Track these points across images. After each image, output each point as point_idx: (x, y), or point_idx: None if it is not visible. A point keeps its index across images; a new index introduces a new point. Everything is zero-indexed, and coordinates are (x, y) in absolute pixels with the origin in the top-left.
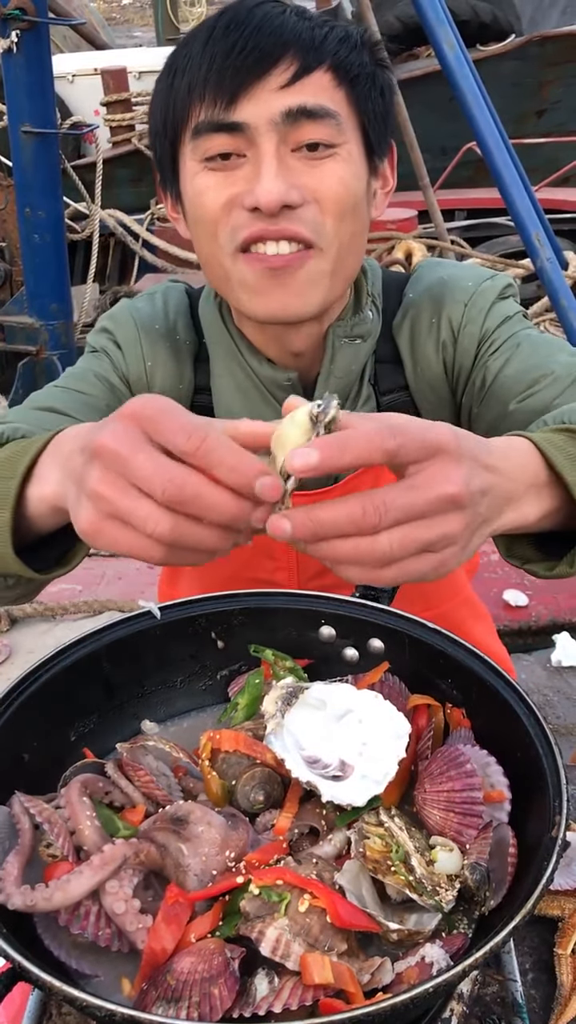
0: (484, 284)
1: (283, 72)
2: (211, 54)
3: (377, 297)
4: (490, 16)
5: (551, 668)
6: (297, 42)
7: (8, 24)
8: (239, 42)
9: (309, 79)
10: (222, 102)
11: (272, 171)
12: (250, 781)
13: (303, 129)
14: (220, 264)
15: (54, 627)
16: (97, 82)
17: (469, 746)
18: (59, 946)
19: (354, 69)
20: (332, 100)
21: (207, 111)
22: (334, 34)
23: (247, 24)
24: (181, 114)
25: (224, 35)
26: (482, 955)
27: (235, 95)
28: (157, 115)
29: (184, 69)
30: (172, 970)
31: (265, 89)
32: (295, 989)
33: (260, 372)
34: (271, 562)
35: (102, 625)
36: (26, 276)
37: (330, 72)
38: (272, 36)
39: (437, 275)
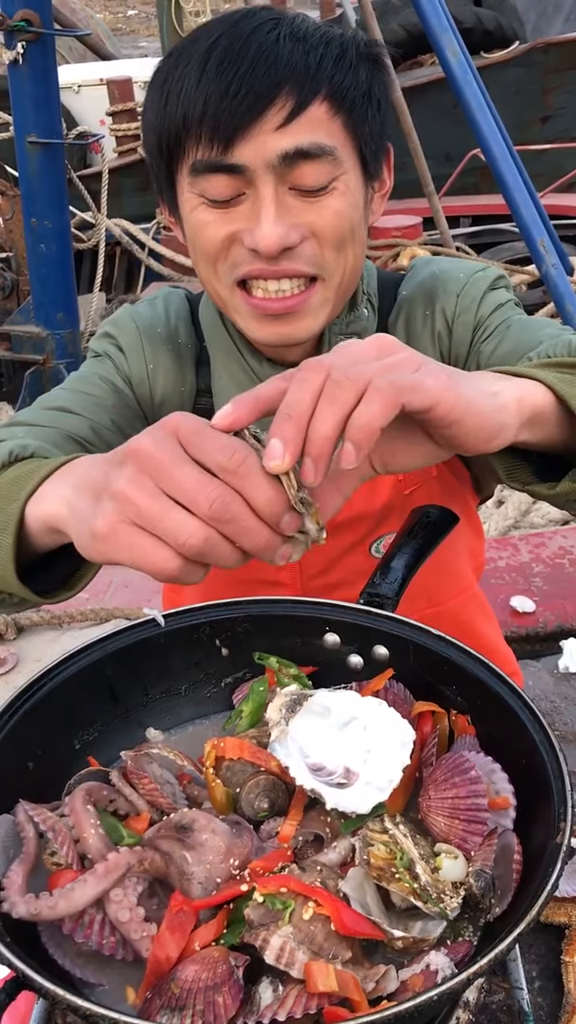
0: (476, 275)
1: (279, 111)
2: (205, 93)
3: (372, 296)
4: (494, 23)
5: (558, 674)
6: (292, 76)
7: (14, 36)
8: (234, 83)
9: (305, 115)
10: (219, 145)
11: (271, 215)
12: (254, 789)
13: (300, 170)
14: (218, 292)
15: (61, 635)
16: (103, 92)
17: (474, 753)
18: (63, 955)
19: (350, 93)
20: (328, 133)
21: (204, 151)
22: (330, 54)
23: (241, 60)
24: (175, 144)
25: (218, 72)
26: (487, 962)
27: (232, 139)
28: (151, 135)
29: (178, 95)
30: (176, 978)
31: (262, 131)
32: (299, 997)
33: (260, 372)
34: (273, 565)
35: (107, 633)
36: (32, 285)
37: (326, 102)
38: (267, 75)
39: (429, 270)
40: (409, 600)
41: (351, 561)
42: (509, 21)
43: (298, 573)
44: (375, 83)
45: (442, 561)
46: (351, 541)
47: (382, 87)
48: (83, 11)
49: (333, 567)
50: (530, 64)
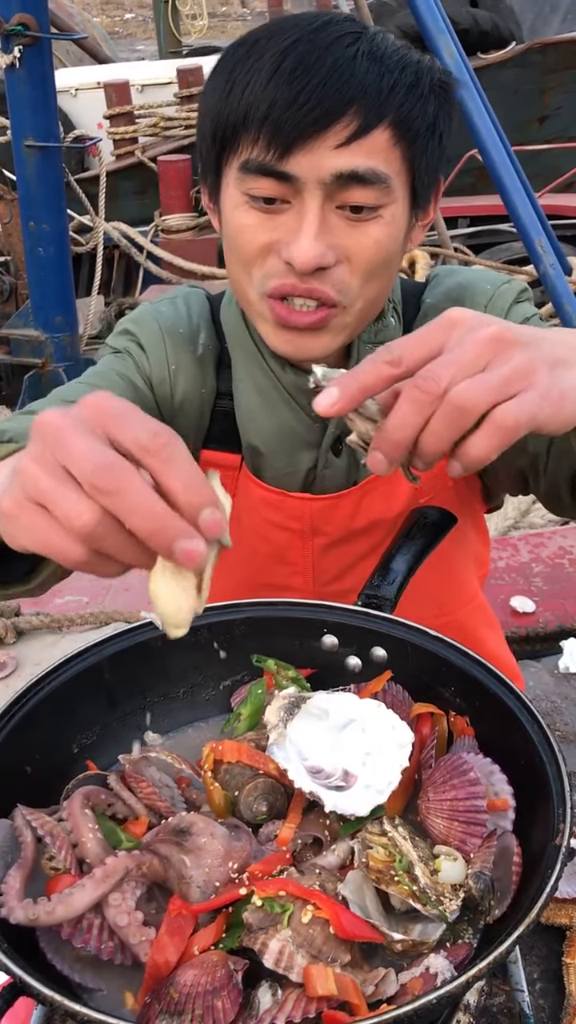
0: (502, 287)
1: (342, 130)
2: (273, 96)
3: (398, 304)
4: (490, 24)
5: (558, 674)
6: (362, 97)
7: (11, 39)
8: (303, 93)
9: (367, 138)
10: (276, 151)
11: (312, 232)
12: (253, 792)
13: (351, 192)
14: (246, 294)
15: (60, 639)
16: (100, 96)
17: (473, 754)
18: (62, 960)
19: (416, 125)
20: (386, 161)
21: (259, 152)
22: (404, 80)
23: (315, 71)
24: (231, 136)
25: (290, 78)
26: (487, 965)
27: (290, 148)
28: (207, 119)
29: (243, 89)
30: (175, 983)
31: (321, 146)
32: (298, 1001)
33: (282, 377)
34: (286, 567)
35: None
36: (31, 289)
37: (390, 129)
38: (338, 92)
39: (455, 280)
40: (417, 608)
41: (366, 567)
42: (506, 22)
43: (311, 579)
44: (441, 116)
45: (452, 570)
46: (367, 548)
47: (447, 121)
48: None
49: (347, 573)
50: (527, 64)
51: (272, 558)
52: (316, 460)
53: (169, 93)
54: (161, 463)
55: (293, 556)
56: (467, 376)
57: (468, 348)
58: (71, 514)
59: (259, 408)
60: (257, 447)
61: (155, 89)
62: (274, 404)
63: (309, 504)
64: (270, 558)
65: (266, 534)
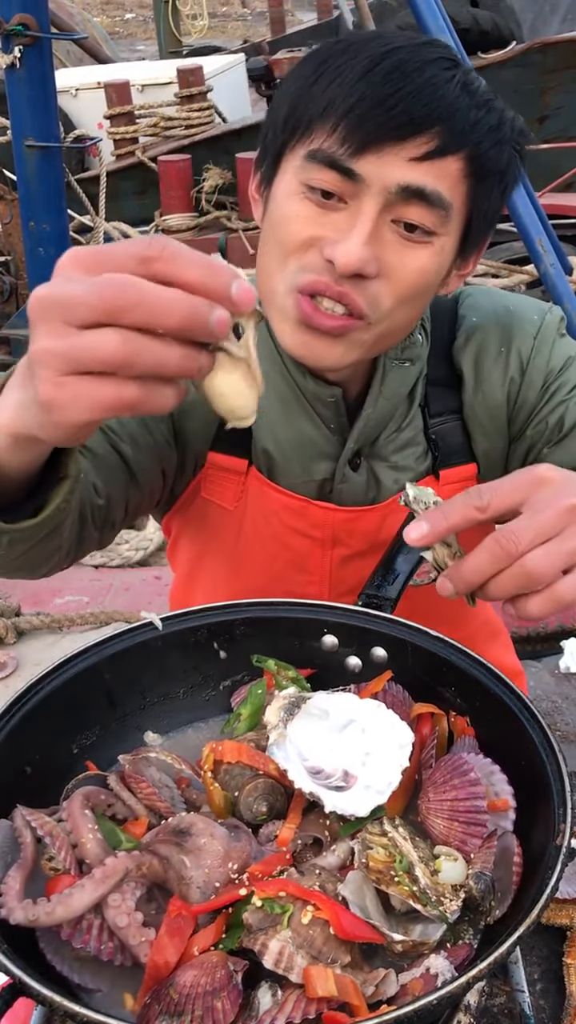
0: (547, 318)
1: (420, 146)
2: (362, 92)
3: (426, 320)
4: (490, 24)
5: (559, 674)
6: (448, 121)
7: (11, 39)
8: (392, 98)
9: (442, 162)
10: (350, 146)
11: (363, 237)
12: (253, 792)
13: (410, 208)
14: (274, 285)
15: (61, 639)
16: (100, 96)
17: (473, 754)
18: (61, 960)
19: (488, 165)
20: (452, 191)
21: (332, 144)
22: (488, 119)
23: (409, 81)
24: (306, 124)
25: (384, 80)
26: (487, 966)
27: (365, 147)
28: (284, 103)
29: (331, 79)
30: (175, 984)
31: (396, 155)
32: (298, 1002)
33: (304, 386)
34: (303, 575)
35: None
36: (31, 289)
37: (464, 162)
38: (426, 108)
39: (500, 303)
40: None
41: None
42: (506, 21)
43: (327, 588)
44: (512, 169)
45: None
46: None
47: (514, 177)
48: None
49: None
50: (527, 64)
51: (291, 565)
52: (333, 472)
53: (169, 93)
54: (167, 263)
55: (312, 565)
56: (543, 541)
57: (549, 515)
58: (101, 351)
59: (278, 415)
60: (272, 454)
61: (155, 89)
62: (293, 412)
63: (332, 514)
64: (289, 565)
65: (286, 540)
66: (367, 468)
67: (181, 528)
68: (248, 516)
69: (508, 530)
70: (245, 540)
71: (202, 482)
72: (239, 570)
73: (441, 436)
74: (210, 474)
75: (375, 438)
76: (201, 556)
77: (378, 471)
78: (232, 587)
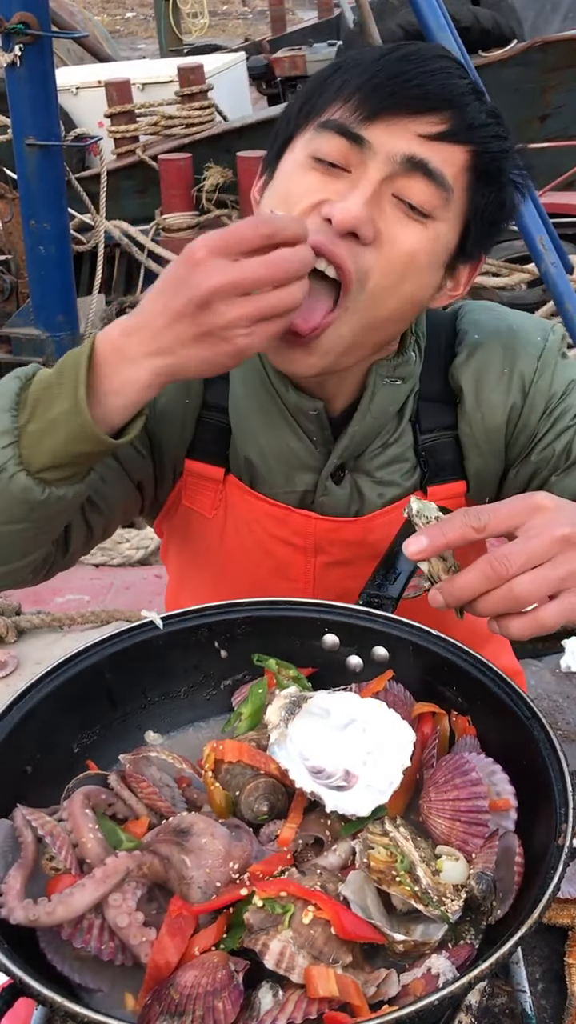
0: (550, 340)
1: (431, 124)
2: (377, 68)
3: (421, 336)
4: (491, 22)
5: (560, 674)
6: (460, 109)
7: (11, 38)
8: (408, 72)
9: (448, 147)
10: (362, 113)
11: (363, 197)
12: (254, 792)
13: (413, 182)
14: None
15: (62, 638)
16: (101, 94)
17: (474, 754)
18: (62, 960)
19: (491, 166)
20: (454, 178)
21: (343, 114)
22: (495, 129)
23: (425, 65)
24: (320, 107)
25: (399, 61)
26: (489, 966)
27: (377, 114)
28: (299, 99)
29: (350, 69)
30: (175, 984)
31: (406, 127)
32: (299, 1002)
33: (286, 398)
34: (288, 583)
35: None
36: (32, 288)
37: (469, 155)
38: (441, 88)
39: (502, 322)
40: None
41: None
42: (507, 20)
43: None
44: (510, 189)
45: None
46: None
47: (511, 200)
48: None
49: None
50: (528, 63)
51: (275, 573)
52: (315, 484)
53: (170, 91)
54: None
55: (295, 572)
56: (533, 566)
57: (541, 542)
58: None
59: (260, 426)
60: (255, 463)
61: (156, 87)
62: (276, 424)
63: (314, 523)
64: (273, 573)
65: (269, 548)
66: (351, 482)
67: (169, 534)
68: (230, 524)
69: (501, 553)
70: (228, 547)
71: (182, 489)
72: (223, 577)
73: (431, 452)
74: (189, 481)
75: (360, 453)
76: (187, 562)
77: (362, 485)
78: (218, 593)
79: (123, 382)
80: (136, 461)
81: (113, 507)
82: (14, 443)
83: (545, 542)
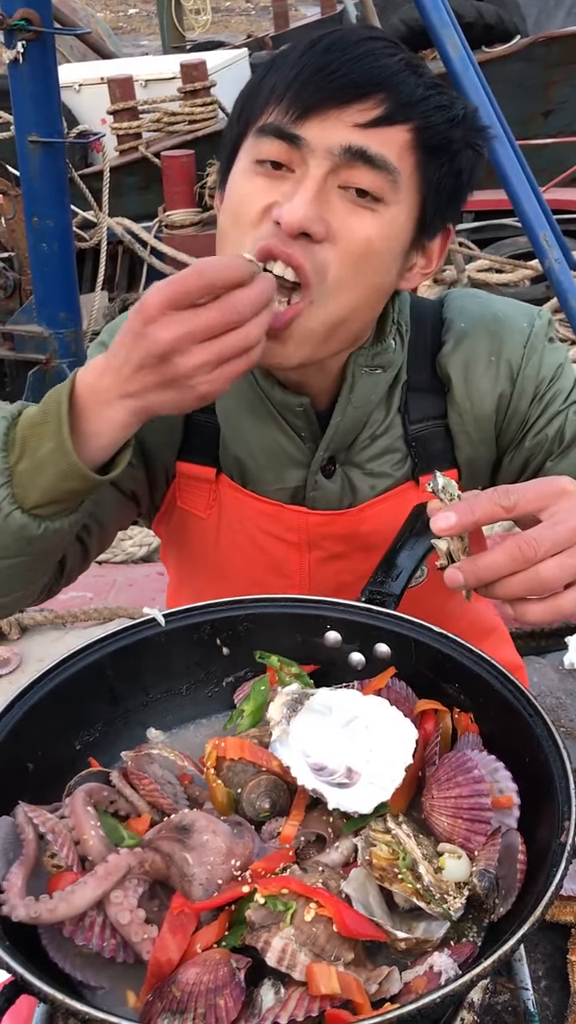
0: (536, 325)
1: (364, 111)
2: (303, 64)
3: (404, 325)
4: (495, 18)
5: (563, 671)
6: (392, 89)
7: (14, 35)
8: (333, 63)
9: (386, 130)
10: (294, 112)
11: (308, 196)
12: (256, 789)
13: (356, 171)
14: None
15: (64, 635)
16: (104, 91)
17: (477, 751)
18: (64, 957)
19: (437, 140)
20: (399, 159)
21: (278, 116)
22: (436, 99)
23: (349, 52)
24: (257, 111)
25: (324, 52)
26: (491, 964)
27: (308, 111)
28: (239, 103)
29: (278, 70)
30: (177, 981)
31: (339, 119)
32: (301, 999)
33: (272, 395)
34: (284, 580)
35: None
36: (35, 285)
37: (411, 133)
38: (369, 72)
39: (488, 310)
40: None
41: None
42: (510, 15)
43: (307, 591)
44: (466, 156)
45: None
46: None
47: (472, 168)
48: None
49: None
50: (532, 58)
51: (270, 569)
52: (305, 480)
53: (173, 88)
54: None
55: (290, 568)
56: (558, 551)
57: (569, 528)
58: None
59: (249, 424)
60: (245, 463)
61: (159, 84)
62: (263, 421)
63: (306, 517)
64: (268, 570)
65: (263, 545)
66: (342, 475)
67: (167, 535)
68: (224, 523)
69: (530, 536)
70: (223, 546)
71: (176, 491)
72: (220, 576)
73: (422, 442)
74: (182, 483)
75: (349, 445)
76: (185, 562)
77: (353, 478)
78: (215, 592)
79: (102, 422)
80: (126, 472)
81: (106, 523)
82: (7, 483)
83: (571, 528)
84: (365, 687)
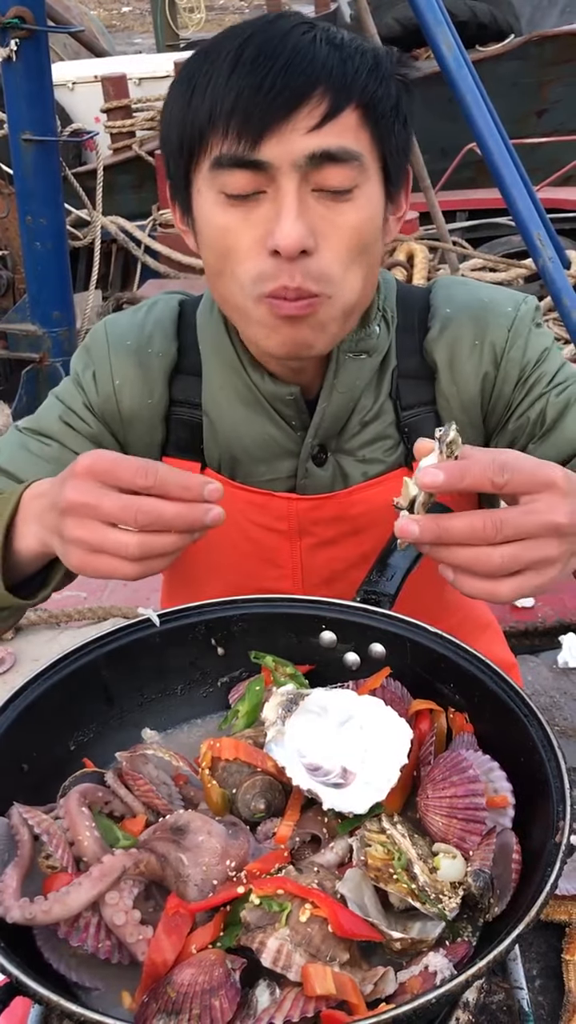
0: (522, 309)
1: (311, 113)
2: (238, 87)
3: (389, 311)
4: (488, 17)
5: (557, 669)
6: (328, 79)
7: (7, 33)
8: (268, 78)
9: (337, 120)
10: (247, 140)
11: (293, 212)
12: (251, 789)
13: (325, 172)
14: (233, 299)
15: (59, 635)
16: (97, 89)
17: (472, 751)
18: (59, 959)
19: (381, 106)
20: (357, 140)
21: (230, 146)
22: (365, 64)
23: (277, 57)
24: (199, 138)
25: (252, 68)
26: (486, 964)
27: (261, 135)
28: (172, 130)
29: (205, 89)
30: (172, 982)
31: (293, 130)
32: (296, 1000)
33: (262, 386)
34: (276, 570)
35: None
36: (28, 283)
37: (358, 111)
38: (302, 75)
39: (474, 295)
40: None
41: (357, 576)
42: (504, 14)
43: (300, 581)
44: (403, 98)
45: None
46: (356, 554)
47: (408, 104)
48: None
49: (338, 578)
50: (526, 57)
51: (261, 561)
52: (296, 469)
53: (166, 86)
54: (160, 489)
55: (282, 558)
56: (519, 539)
57: (537, 522)
58: (124, 550)
59: (240, 417)
60: (236, 455)
61: (153, 83)
62: (255, 413)
63: (295, 504)
64: (259, 561)
65: (254, 536)
66: (334, 463)
67: None
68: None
69: (497, 518)
70: (213, 540)
71: None
72: (212, 570)
73: (414, 429)
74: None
75: (339, 432)
76: (176, 561)
77: (345, 465)
78: (208, 587)
79: (25, 541)
80: None
81: None
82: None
83: (539, 523)
84: (360, 687)
